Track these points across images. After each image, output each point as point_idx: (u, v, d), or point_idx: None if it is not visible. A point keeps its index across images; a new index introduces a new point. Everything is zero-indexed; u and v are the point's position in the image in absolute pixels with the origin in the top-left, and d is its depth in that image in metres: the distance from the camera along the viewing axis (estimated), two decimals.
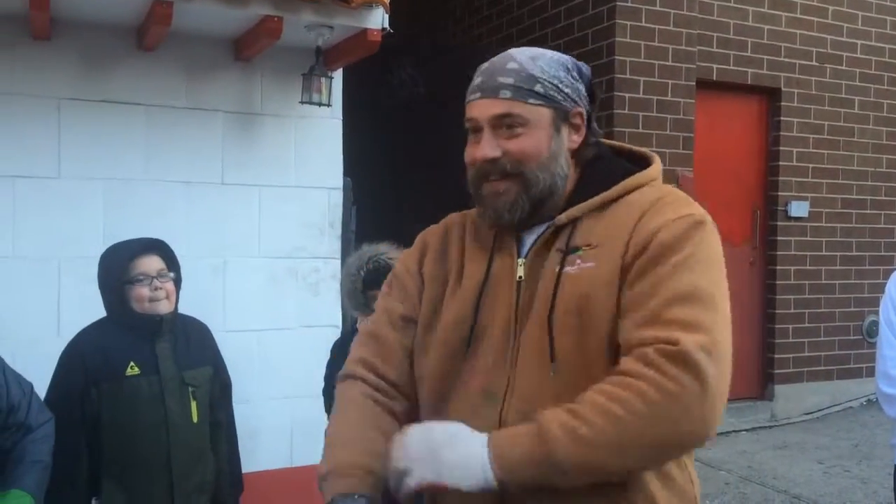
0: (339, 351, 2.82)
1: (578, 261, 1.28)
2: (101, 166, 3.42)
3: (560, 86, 1.34)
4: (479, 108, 1.35)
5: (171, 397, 2.41)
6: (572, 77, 1.37)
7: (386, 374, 1.43)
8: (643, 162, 1.43)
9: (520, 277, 1.34)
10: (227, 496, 2.64)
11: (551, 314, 1.26)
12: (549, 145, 1.33)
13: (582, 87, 1.38)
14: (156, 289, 2.42)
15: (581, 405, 1.14)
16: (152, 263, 2.45)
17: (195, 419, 2.46)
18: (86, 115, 3.39)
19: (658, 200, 1.30)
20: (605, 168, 1.38)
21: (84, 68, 3.39)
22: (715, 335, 1.17)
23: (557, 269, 1.29)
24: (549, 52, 1.39)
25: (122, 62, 3.45)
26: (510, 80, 1.33)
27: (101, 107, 3.41)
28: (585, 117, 1.38)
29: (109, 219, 3.41)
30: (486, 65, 1.39)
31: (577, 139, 1.37)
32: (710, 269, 1.24)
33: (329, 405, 2.80)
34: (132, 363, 2.39)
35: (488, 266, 1.38)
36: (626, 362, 1.16)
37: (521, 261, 1.35)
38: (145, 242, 2.50)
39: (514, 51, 1.39)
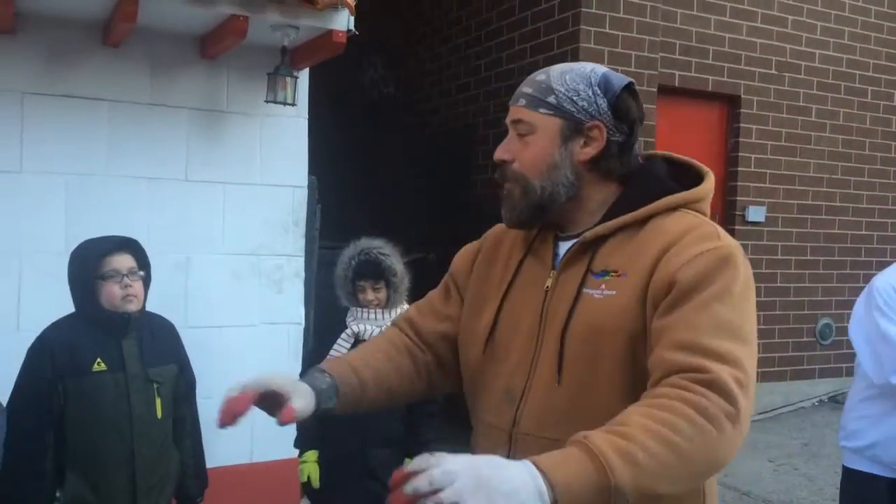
0: (318, 342, 2.92)
1: (603, 286, 1.32)
2: (64, 161, 3.41)
3: (575, 98, 1.38)
4: (508, 114, 1.45)
5: (136, 394, 2.47)
6: (592, 91, 1.39)
7: (419, 328, 1.58)
8: (697, 178, 1.43)
9: (547, 287, 1.39)
10: (192, 489, 2.72)
11: (565, 331, 1.32)
12: (553, 154, 1.38)
13: (604, 103, 1.38)
14: (126, 286, 2.46)
15: (630, 427, 1.09)
16: (124, 261, 2.49)
17: (159, 415, 2.52)
18: (49, 109, 3.39)
19: (685, 234, 1.30)
20: (643, 185, 1.39)
21: (48, 63, 3.38)
22: (746, 368, 1.18)
23: (577, 287, 1.34)
24: (585, 67, 1.43)
25: (87, 57, 3.45)
26: (529, 90, 1.41)
27: (65, 102, 3.41)
28: (608, 130, 1.38)
29: (71, 214, 3.41)
30: (531, 75, 1.47)
31: (589, 151, 1.38)
32: (741, 303, 1.25)
33: None
34: (99, 359, 2.44)
35: (516, 270, 1.46)
36: (664, 385, 1.15)
37: (553, 272, 1.41)
38: (118, 240, 2.54)
39: (557, 65, 1.46)
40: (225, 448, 3.78)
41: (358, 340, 2.78)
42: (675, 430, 1.09)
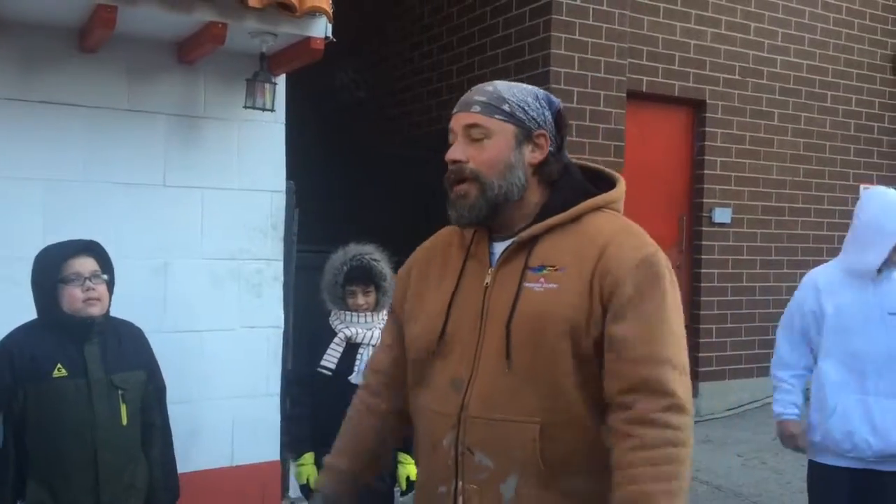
0: (307, 347, 2.95)
1: (542, 279, 1.48)
2: (41, 167, 3.41)
3: (527, 108, 1.54)
4: (455, 120, 1.57)
5: (99, 400, 2.42)
6: (539, 104, 1.57)
7: (378, 369, 1.77)
8: (609, 183, 1.63)
9: (486, 284, 1.54)
10: (161, 499, 2.64)
11: (509, 323, 1.46)
12: (509, 156, 1.53)
13: (549, 115, 1.58)
14: (88, 290, 2.43)
15: (638, 496, 1.36)
16: (86, 265, 2.47)
17: (124, 422, 2.47)
18: (25, 115, 3.38)
19: (618, 234, 1.50)
20: (568, 188, 1.57)
21: (24, 69, 3.38)
22: (686, 363, 1.47)
23: (518, 282, 1.49)
24: (526, 85, 1.62)
25: (63, 63, 3.44)
26: (483, 98, 1.55)
27: (42, 107, 3.41)
28: (550, 139, 1.57)
29: (48, 220, 3.40)
30: (477, 87, 1.60)
31: (538, 156, 1.55)
32: (673, 303, 1.49)
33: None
34: (59, 365, 2.40)
35: (461, 271, 1.59)
36: (645, 424, 1.39)
37: (491, 269, 1.55)
38: (80, 244, 2.52)
39: (498, 81, 1.62)
40: (206, 451, 3.80)
41: (350, 344, 2.82)
42: (676, 477, 1.39)
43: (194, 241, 3.74)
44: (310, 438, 2.86)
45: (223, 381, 3.81)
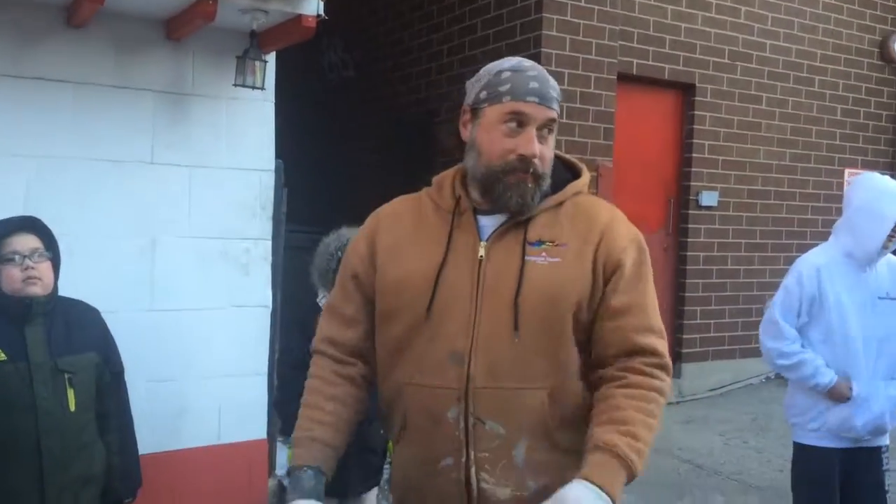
0: (298, 328, 2.95)
1: (544, 254, 1.54)
2: (27, 143, 3.36)
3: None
4: (536, 110, 1.55)
5: (43, 385, 2.29)
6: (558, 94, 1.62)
7: (342, 344, 1.69)
8: (573, 169, 1.70)
9: (481, 257, 1.55)
10: (118, 490, 2.53)
11: (517, 296, 1.51)
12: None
13: None
14: (27, 268, 2.31)
15: (632, 425, 1.46)
16: (26, 242, 2.34)
17: (72, 408, 2.34)
18: (12, 91, 3.33)
19: (612, 218, 1.61)
20: (554, 175, 1.62)
21: (11, 44, 3.32)
22: (664, 330, 1.61)
23: (521, 255, 1.53)
24: None
25: (50, 39, 3.39)
26: (555, 93, 1.58)
27: (28, 83, 3.36)
28: None
29: (34, 197, 3.37)
30: (531, 69, 1.59)
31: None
32: (651, 279, 1.63)
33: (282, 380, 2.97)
34: None
35: (448, 242, 1.58)
36: (636, 371, 1.53)
37: (483, 243, 1.57)
38: (18, 220, 2.40)
39: (540, 66, 1.62)
40: (193, 430, 3.81)
41: None
42: (652, 415, 1.50)
43: (182, 220, 3.72)
44: None
45: (210, 360, 3.81)
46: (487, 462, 1.52)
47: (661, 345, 1.57)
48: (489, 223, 1.59)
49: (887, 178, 2.92)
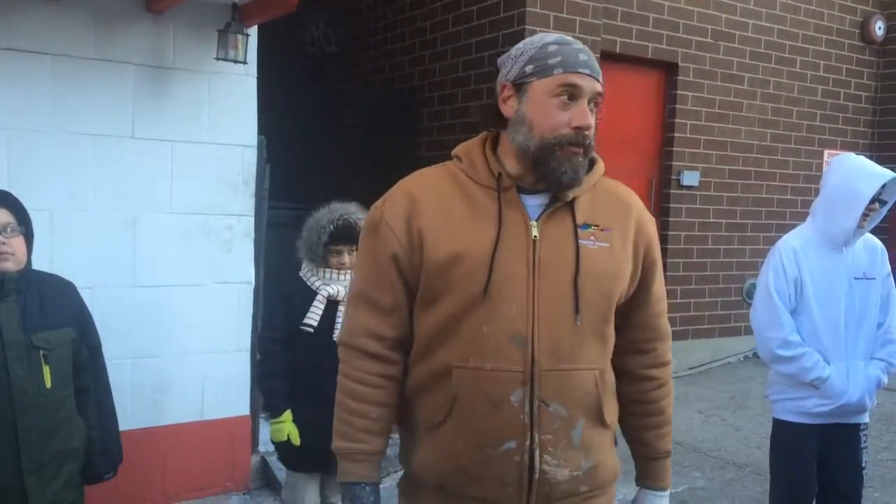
0: (282, 304, 2.92)
1: (592, 238, 1.57)
2: (6, 116, 3.32)
3: None
4: (588, 82, 1.54)
5: (17, 361, 2.26)
6: None
7: (388, 337, 1.60)
8: None
9: (535, 237, 1.54)
10: (98, 465, 2.51)
11: (577, 277, 1.53)
12: None
13: None
14: (0, 244, 2.28)
15: (670, 423, 1.79)
16: None
17: (48, 384, 2.31)
18: None
19: (639, 205, 1.68)
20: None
21: None
22: None
23: (574, 239, 1.56)
24: None
25: (28, 9, 3.33)
26: (598, 67, 1.57)
27: (6, 55, 3.30)
28: None
29: (13, 171, 3.32)
30: (575, 43, 1.57)
31: None
32: None
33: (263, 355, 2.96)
34: None
35: (499, 220, 1.54)
36: (665, 361, 1.77)
37: (534, 223, 1.55)
38: None
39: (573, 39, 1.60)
40: (176, 406, 3.81)
41: (331, 303, 2.83)
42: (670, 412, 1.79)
43: (164, 195, 3.69)
44: (288, 395, 2.87)
45: (193, 336, 3.80)
46: (550, 444, 1.54)
47: (668, 343, 1.78)
48: (533, 202, 1.56)
49: (863, 157, 2.94)
